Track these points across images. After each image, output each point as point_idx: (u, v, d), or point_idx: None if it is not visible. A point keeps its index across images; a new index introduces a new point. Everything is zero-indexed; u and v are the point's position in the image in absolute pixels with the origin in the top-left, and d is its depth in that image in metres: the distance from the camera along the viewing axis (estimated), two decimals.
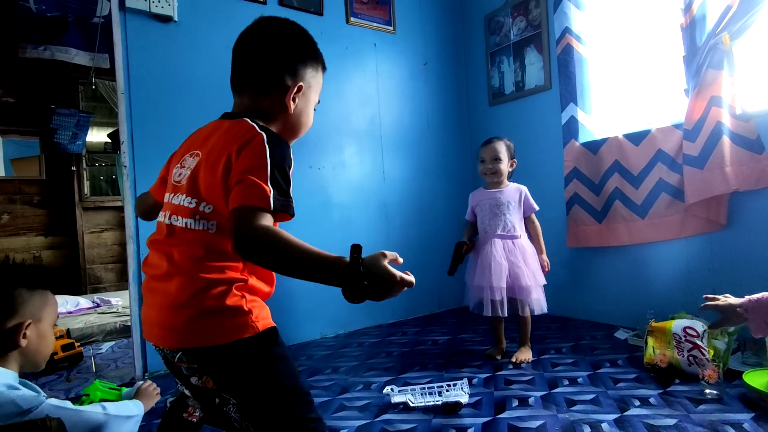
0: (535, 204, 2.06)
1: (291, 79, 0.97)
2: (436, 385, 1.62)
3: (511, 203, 2.02)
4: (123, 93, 2.04)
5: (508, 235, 2.00)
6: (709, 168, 1.95)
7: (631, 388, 1.63)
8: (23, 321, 0.97)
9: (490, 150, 2.02)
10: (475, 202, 2.10)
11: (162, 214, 0.93)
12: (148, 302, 0.91)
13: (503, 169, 2.02)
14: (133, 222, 2.07)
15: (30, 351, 0.99)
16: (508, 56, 2.94)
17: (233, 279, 0.85)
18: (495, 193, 2.04)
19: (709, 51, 2.00)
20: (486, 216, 2.04)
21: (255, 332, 0.85)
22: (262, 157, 0.82)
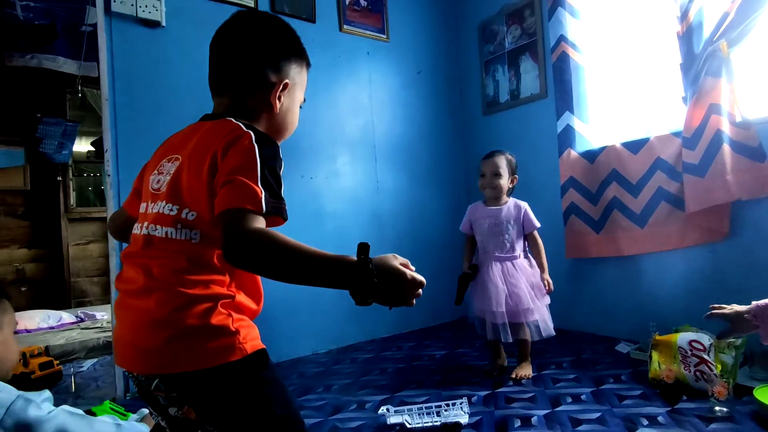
0: (536, 221, 1.98)
1: (275, 76, 0.90)
2: (434, 405, 1.54)
3: (510, 221, 1.95)
4: (107, 99, 1.97)
5: (507, 257, 1.94)
6: (711, 176, 1.91)
7: (637, 405, 1.56)
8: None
9: (490, 164, 1.96)
10: (474, 218, 2.03)
11: (138, 226, 0.84)
12: (121, 321, 0.81)
13: (503, 185, 1.95)
14: None
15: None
16: (502, 65, 2.91)
17: (219, 295, 0.77)
18: (494, 210, 1.98)
19: (707, 58, 1.97)
20: (485, 235, 1.97)
21: (243, 355, 0.76)
22: (251, 156, 0.75)
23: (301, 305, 2.43)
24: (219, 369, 0.74)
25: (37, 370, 2.15)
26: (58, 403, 1.04)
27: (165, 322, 0.73)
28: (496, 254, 1.94)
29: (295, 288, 2.57)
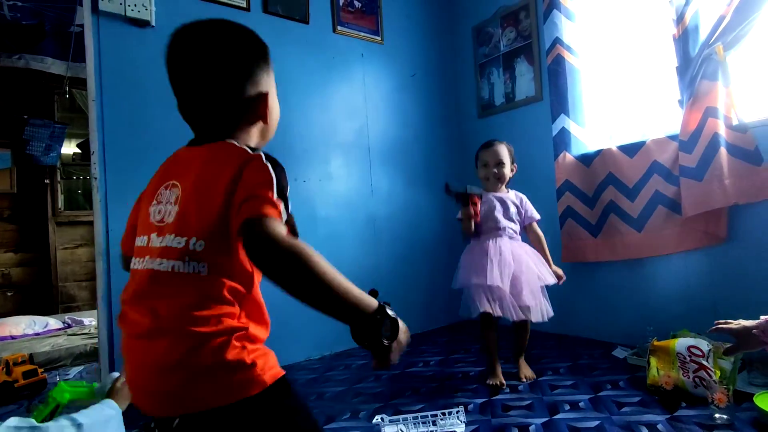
0: (536, 213, 1.96)
1: (254, 89, 0.85)
2: (430, 414, 1.50)
3: (510, 209, 1.93)
4: (94, 100, 1.92)
5: (505, 239, 1.90)
6: (708, 180, 1.90)
7: (636, 413, 1.53)
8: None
9: (492, 153, 1.93)
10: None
11: (138, 261, 0.78)
12: (130, 364, 0.76)
13: (506, 173, 1.93)
14: (103, 237, 1.93)
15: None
16: (497, 67, 2.89)
17: (231, 329, 0.72)
18: (495, 195, 1.95)
19: (703, 62, 1.96)
20: (492, 212, 1.92)
21: (263, 387, 0.72)
22: (266, 173, 0.75)
23: (294, 310, 2.36)
24: (241, 404, 0.70)
25: (21, 378, 2.08)
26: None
27: (178, 366, 0.69)
28: (496, 234, 1.89)
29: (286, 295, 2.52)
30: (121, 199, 1.96)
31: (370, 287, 2.57)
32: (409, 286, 2.84)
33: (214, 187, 0.74)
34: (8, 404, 2.01)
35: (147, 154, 2.03)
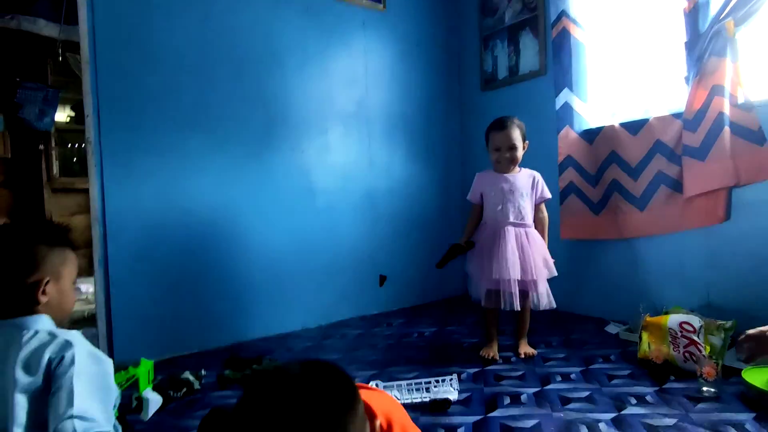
0: (548, 192, 1.94)
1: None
2: (424, 381, 1.52)
3: (525, 189, 1.89)
4: (88, 62, 1.87)
5: (520, 224, 1.88)
6: (711, 160, 1.89)
7: (626, 385, 1.56)
8: (42, 278, 0.95)
9: (505, 137, 1.86)
10: (485, 186, 1.94)
11: None
12: None
13: (519, 156, 1.88)
14: (99, 201, 1.92)
15: (52, 307, 0.98)
16: (502, 40, 2.83)
17: None
18: (508, 177, 1.90)
19: (712, 38, 1.92)
20: (498, 202, 1.89)
21: None
22: None
23: (291, 280, 2.40)
24: None
25: None
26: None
27: None
28: (510, 220, 1.87)
29: (284, 262, 2.52)
30: (116, 163, 1.94)
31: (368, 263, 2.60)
32: (406, 260, 2.85)
33: None
34: None
35: (142, 117, 2.00)
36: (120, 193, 1.95)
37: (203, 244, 2.15)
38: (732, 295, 1.93)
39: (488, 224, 1.93)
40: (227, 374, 1.72)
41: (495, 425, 1.32)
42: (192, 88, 2.12)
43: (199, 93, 2.14)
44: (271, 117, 2.35)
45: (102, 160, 1.90)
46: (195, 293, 2.13)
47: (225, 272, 2.20)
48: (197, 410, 1.51)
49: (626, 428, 1.27)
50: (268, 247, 2.32)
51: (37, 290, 0.94)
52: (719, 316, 1.81)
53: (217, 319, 2.18)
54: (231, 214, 2.22)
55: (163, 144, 2.05)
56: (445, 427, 1.32)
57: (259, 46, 2.31)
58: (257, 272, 2.29)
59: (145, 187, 2.00)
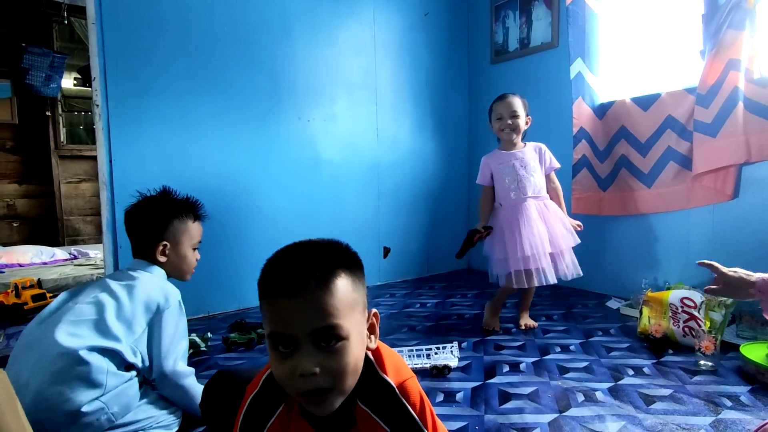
0: (556, 161, 1.93)
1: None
2: (425, 348, 1.55)
3: (535, 162, 1.88)
4: (94, 23, 1.85)
5: (538, 197, 1.87)
6: (722, 136, 1.86)
7: (624, 357, 1.59)
8: (161, 243, 1.24)
9: (506, 105, 1.85)
10: (494, 166, 1.92)
11: None
12: None
13: (521, 125, 1.86)
14: (107, 166, 1.92)
15: (170, 266, 1.28)
16: (514, 11, 2.76)
17: None
18: (516, 153, 1.89)
19: (731, 10, 1.86)
20: (512, 179, 1.87)
21: None
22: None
23: None
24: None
25: (30, 301, 2.15)
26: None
27: None
28: (529, 195, 1.86)
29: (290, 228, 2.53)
30: (123, 126, 1.94)
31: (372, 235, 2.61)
32: (410, 233, 2.86)
33: None
34: (19, 324, 2.09)
35: (149, 81, 1.98)
36: (127, 158, 1.96)
37: (209, 211, 2.15)
38: None
39: (504, 204, 1.90)
40: (233, 337, 1.76)
41: (493, 391, 1.35)
42: (199, 54, 2.09)
43: (206, 59, 2.12)
44: (278, 84, 2.33)
45: (109, 124, 1.90)
46: (201, 261, 2.14)
47: (231, 239, 2.23)
48: (203, 370, 1.55)
49: (622, 397, 1.30)
50: (273, 216, 2.33)
51: (155, 252, 1.23)
52: None
53: (223, 284, 2.22)
54: (237, 181, 2.23)
55: (170, 109, 2.04)
56: (444, 392, 1.35)
57: (267, 12, 2.27)
58: (261, 240, 2.31)
59: (152, 152, 2.01)
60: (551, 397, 1.30)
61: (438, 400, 1.30)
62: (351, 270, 0.66)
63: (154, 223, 1.24)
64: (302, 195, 2.44)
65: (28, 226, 3.94)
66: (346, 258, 0.67)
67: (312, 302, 0.60)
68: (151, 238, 1.24)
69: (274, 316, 0.62)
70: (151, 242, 1.24)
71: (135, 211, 1.26)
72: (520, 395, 1.32)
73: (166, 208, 1.26)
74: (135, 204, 1.27)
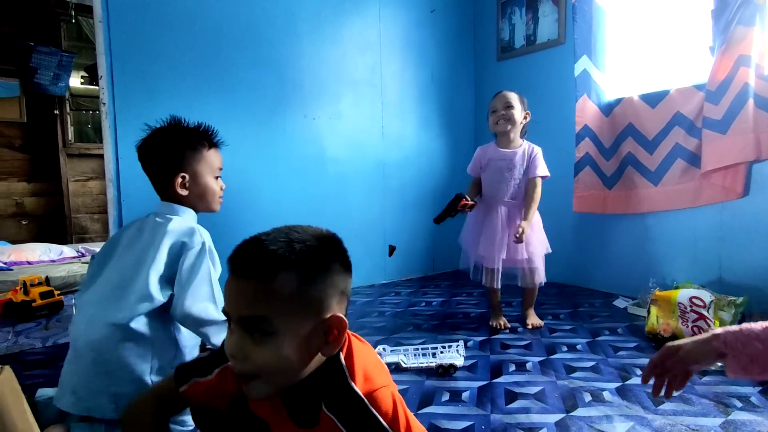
0: (543, 169, 1.87)
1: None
2: (431, 346, 1.55)
3: (522, 166, 1.87)
4: (101, 21, 1.86)
5: (516, 203, 1.88)
6: (732, 133, 1.83)
7: (632, 356, 1.57)
8: (179, 175, 1.17)
9: (501, 98, 1.86)
10: (485, 159, 1.92)
11: None
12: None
13: (516, 116, 1.84)
14: (114, 164, 1.93)
15: (194, 199, 1.21)
16: (520, 7, 2.74)
17: None
18: (508, 153, 1.88)
19: (741, 5, 1.84)
20: (495, 178, 1.89)
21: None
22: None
23: None
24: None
25: (38, 298, 2.17)
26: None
27: None
28: (505, 199, 1.87)
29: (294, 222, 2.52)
30: (130, 124, 1.94)
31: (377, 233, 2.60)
32: (416, 232, 2.85)
33: None
34: (27, 322, 2.11)
35: (156, 79, 1.99)
36: (134, 155, 1.95)
37: None
38: (744, 272, 1.91)
39: (485, 199, 1.94)
40: None
41: (500, 390, 1.34)
42: (205, 51, 2.10)
43: (213, 56, 2.12)
44: (284, 82, 2.33)
45: (116, 122, 1.90)
46: None
47: (235, 237, 2.22)
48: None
49: (630, 397, 1.28)
50: (277, 214, 2.33)
51: (175, 185, 1.16)
52: (731, 293, 1.80)
53: None
54: (242, 179, 2.23)
55: (177, 107, 2.02)
56: (450, 391, 1.34)
57: (273, 10, 2.27)
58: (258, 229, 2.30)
59: None
60: (558, 397, 1.29)
61: (444, 399, 1.30)
62: (304, 271, 0.65)
63: (167, 156, 1.17)
64: (308, 193, 2.44)
65: (37, 224, 3.97)
66: (305, 258, 0.65)
67: (247, 289, 0.63)
68: (167, 171, 1.17)
69: (225, 289, 0.66)
70: (168, 176, 1.17)
71: (146, 146, 1.19)
72: (527, 395, 1.31)
73: (177, 138, 1.19)
74: (145, 138, 1.20)
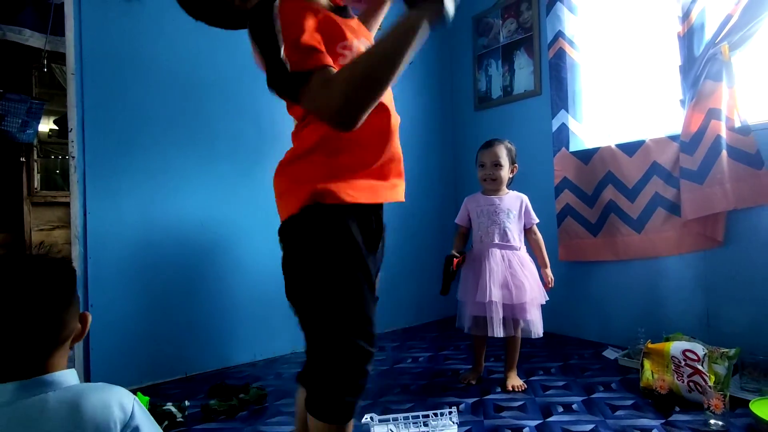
0: (534, 216, 1.89)
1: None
2: (421, 414, 1.44)
3: (511, 212, 1.85)
4: (73, 73, 1.80)
5: (507, 245, 1.83)
6: (709, 183, 1.87)
7: (630, 417, 1.50)
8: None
9: (490, 154, 1.85)
10: (472, 208, 1.91)
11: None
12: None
13: (503, 176, 1.85)
14: (81, 219, 1.82)
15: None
16: (496, 59, 2.83)
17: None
18: (494, 199, 1.87)
19: (708, 61, 1.93)
20: (483, 224, 1.86)
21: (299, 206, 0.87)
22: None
23: (280, 302, 2.30)
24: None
25: None
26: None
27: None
28: (495, 242, 1.82)
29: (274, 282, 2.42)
30: (100, 179, 1.85)
31: None
32: (398, 280, 2.78)
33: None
34: None
35: (128, 133, 1.92)
36: (103, 211, 1.86)
37: (189, 265, 2.06)
38: (732, 320, 1.90)
39: (475, 247, 1.90)
40: (212, 405, 1.62)
41: None
42: (181, 103, 2.05)
43: (189, 108, 2.07)
44: (263, 133, 2.29)
45: (85, 176, 1.81)
46: (179, 317, 2.03)
47: (211, 294, 2.11)
48: None
49: None
50: (256, 268, 2.24)
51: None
52: (720, 342, 1.77)
53: (202, 343, 2.08)
54: (218, 234, 2.14)
55: (150, 161, 1.97)
56: None
57: (251, 62, 2.25)
58: (245, 294, 2.20)
59: (129, 205, 1.92)
60: None
61: None
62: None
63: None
64: None
65: None
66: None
67: None
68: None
69: None
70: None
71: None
72: None
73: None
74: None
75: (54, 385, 0.70)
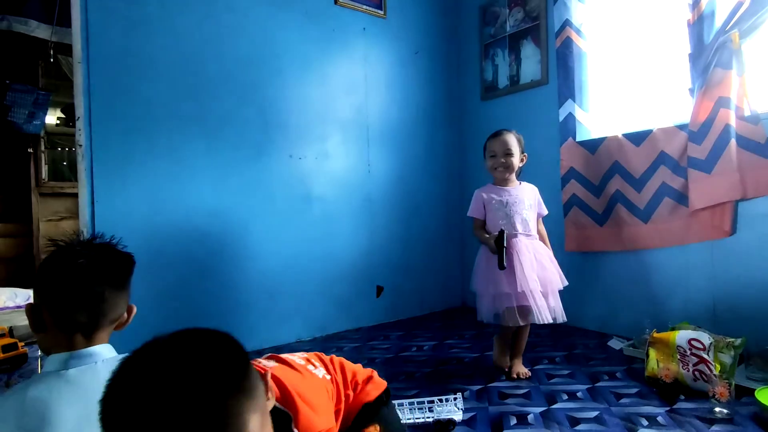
0: (545, 208, 1.91)
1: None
2: (426, 400, 1.46)
3: (529, 201, 1.84)
4: (80, 62, 1.81)
5: (528, 234, 1.82)
6: (717, 173, 1.86)
7: (635, 404, 1.51)
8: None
9: (500, 143, 1.83)
10: (487, 200, 1.86)
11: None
12: None
13: (515, 163, 1.83)
14: (88, 208, 1.84)
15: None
16: (503, 49, 2.80)
17: None
18: (511, 190, 1.85)
19: (717, 49, 1.90)
20: (502, 214, 1.82)
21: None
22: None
23: (286, 290, 2.33)
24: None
25: (0, 352, 2.01)
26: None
27: None
28: (520, 231, 1.80)
29: (280, 271, 2.44)
30: (107, 168, 1.87)
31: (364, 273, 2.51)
32: (404, 270, 2.79)
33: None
34: None
35: (135, 121, 1.93)
36: (110, 200, 1.88)
37: (196, 254, 2.08)
38: (738, 310, 1.89)
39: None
40: None
41: None
42: (188, 92, 2.06)
43: (195, 97, 2.08)
44: (269, 123, 2.30)
45: (92, 165, 1.83)
46: (186, 304, 2.05)
47: (218, 282, 2.13)
48: None
49: None
50: (262, 256, 2.25)
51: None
52: (726, 332, 1.77)
53: None
54: (225, 222, 2.16)
55: (157, 149, 1.98)
56: None
57: (257, 51, 2.25)
58: (251, 282, 2.21)
59: (137, 193, 1.93)
60: None
61: None
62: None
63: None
64: (294, 233, 2.37)
65: (5, 267, 3.77)
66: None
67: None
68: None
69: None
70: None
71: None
72: None
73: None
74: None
75: (96, 356, 0.81)
